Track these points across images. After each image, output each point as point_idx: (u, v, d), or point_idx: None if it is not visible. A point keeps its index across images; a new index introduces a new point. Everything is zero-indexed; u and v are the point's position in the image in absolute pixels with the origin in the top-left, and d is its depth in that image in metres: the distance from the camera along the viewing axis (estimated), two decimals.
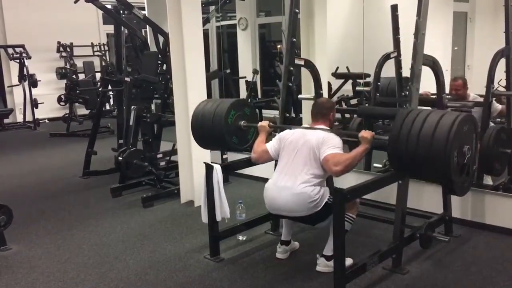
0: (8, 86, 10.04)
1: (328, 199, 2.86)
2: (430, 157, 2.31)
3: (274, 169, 3.10)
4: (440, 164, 2.29)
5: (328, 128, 3.04)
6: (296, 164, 2.91)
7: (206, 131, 3.36)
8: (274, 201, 2.95)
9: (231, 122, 3.32)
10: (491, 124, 3.91)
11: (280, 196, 2.90)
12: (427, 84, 3.35)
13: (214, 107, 3.34)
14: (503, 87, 3.91)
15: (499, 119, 4.30)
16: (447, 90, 3.58)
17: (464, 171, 2.40)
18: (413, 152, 2.38)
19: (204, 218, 3.27)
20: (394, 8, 4.52)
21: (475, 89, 4.33)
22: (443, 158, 2.26)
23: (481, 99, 3.95)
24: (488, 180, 4.01)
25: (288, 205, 2.88)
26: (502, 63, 3.77)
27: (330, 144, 2.84)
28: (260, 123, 3.32)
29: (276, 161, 3.12)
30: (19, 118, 9.99)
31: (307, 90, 4.34)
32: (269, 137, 3.28)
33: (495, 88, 3.78)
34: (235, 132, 3.36)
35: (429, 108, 3.22)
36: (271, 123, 3.31)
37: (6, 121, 9.65)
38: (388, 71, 4.70)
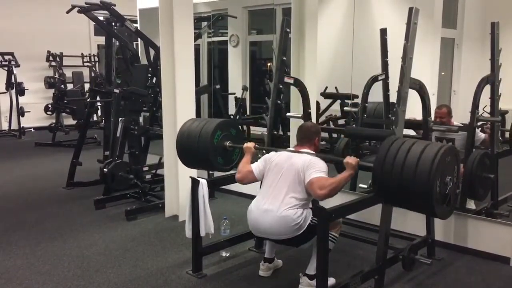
0: None
1: (311, 220, 2.84)
2: (413, 187, 2.34)
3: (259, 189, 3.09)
4: (423, 194, 2.32)
5: (314, 153, 3.03)
6: (280, 186, 2.89)
7: (191, 150, 3.34)
8: (258, 224, 2.92)
9: (217, 142, 3.29)
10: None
11: (263, 219, 2.87)
12: (412, 107, 3.40)
13: (201, 126, 3.32)
14: (488, 113, 3.98)
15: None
16: (432, 113, 3.62)
17: (446, 201, 2.43)
18: (397, 182, 2.40)
19: (188, 233, 3.25)
20: (383, 32, 4.60)
21: (461, 113, 4.40)
22: (426, 188, 2.30)
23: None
24: (471, 204, 4.05)
25: (272, 228, 2.85)
26: (487, 89, 3.85)
27: (316, 168, 2.84)
28: (245, 144, 3.30)
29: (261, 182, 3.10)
30: (4, 126, 9.88)
31: (296, 109, 4.37)
32: (255, 159, 3.25)
33: (479, 114, 3.84)
34: (220, 152, 3.34)
35: (413, 137, 3.25)
36: (256, 145, 3.29)
37: None
38: (375, 93, 4.76)
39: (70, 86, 9.57)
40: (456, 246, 3.65)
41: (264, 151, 3.35)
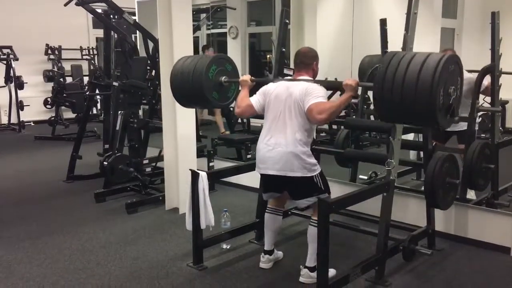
0: None
1: (317, 175, 2.88)
2: (416, 97, 2.27)
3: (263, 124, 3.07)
4: (426, 104, 2.25)
5: (311, 79, 3.01)
6: (283, 119, 2.90)
7: (186, 87, 3.27)
8: (265, 158, 2.93)
9: (212, 77, 3.24)
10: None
11: (272, 153, 2.89)
12: None
13: (195, 62, 3.27)
14: (488, 103, 3.96)
15: (484, 135, 4.35)
16: None
17: (449, 112, 2.36)
18: (399, 94, 2.33)
19: (189, 225, 3.25)
20: (383, 22, 4.58)
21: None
22: (429, 97, 2.23)
23: (470, 75, 3.96)
24: (471, 194, 4.06)
25: (279, 162, 2.87)
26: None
27: (313, 94, 2.83)
28: (241, 77, 3.28)
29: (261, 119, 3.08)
30: (4, 120, 9.87)
31: None
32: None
33: (480, 104, 3.83)
34: (215, 87, 3.29)
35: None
36: (252, 77, 3.26)
37: None
38: None
39: (69, 80, 9.55)
40: (457, 237, 3.65)
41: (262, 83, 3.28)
